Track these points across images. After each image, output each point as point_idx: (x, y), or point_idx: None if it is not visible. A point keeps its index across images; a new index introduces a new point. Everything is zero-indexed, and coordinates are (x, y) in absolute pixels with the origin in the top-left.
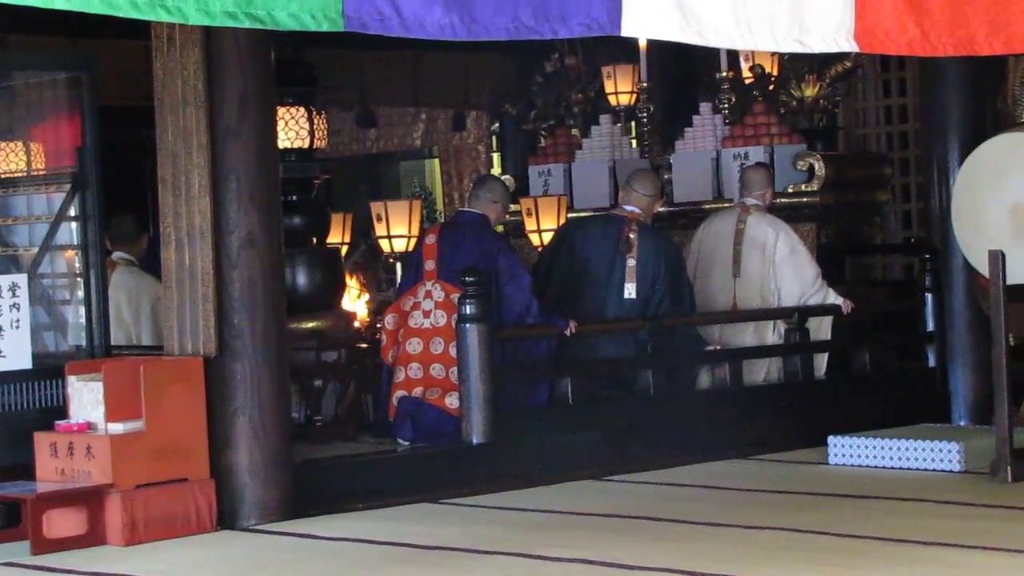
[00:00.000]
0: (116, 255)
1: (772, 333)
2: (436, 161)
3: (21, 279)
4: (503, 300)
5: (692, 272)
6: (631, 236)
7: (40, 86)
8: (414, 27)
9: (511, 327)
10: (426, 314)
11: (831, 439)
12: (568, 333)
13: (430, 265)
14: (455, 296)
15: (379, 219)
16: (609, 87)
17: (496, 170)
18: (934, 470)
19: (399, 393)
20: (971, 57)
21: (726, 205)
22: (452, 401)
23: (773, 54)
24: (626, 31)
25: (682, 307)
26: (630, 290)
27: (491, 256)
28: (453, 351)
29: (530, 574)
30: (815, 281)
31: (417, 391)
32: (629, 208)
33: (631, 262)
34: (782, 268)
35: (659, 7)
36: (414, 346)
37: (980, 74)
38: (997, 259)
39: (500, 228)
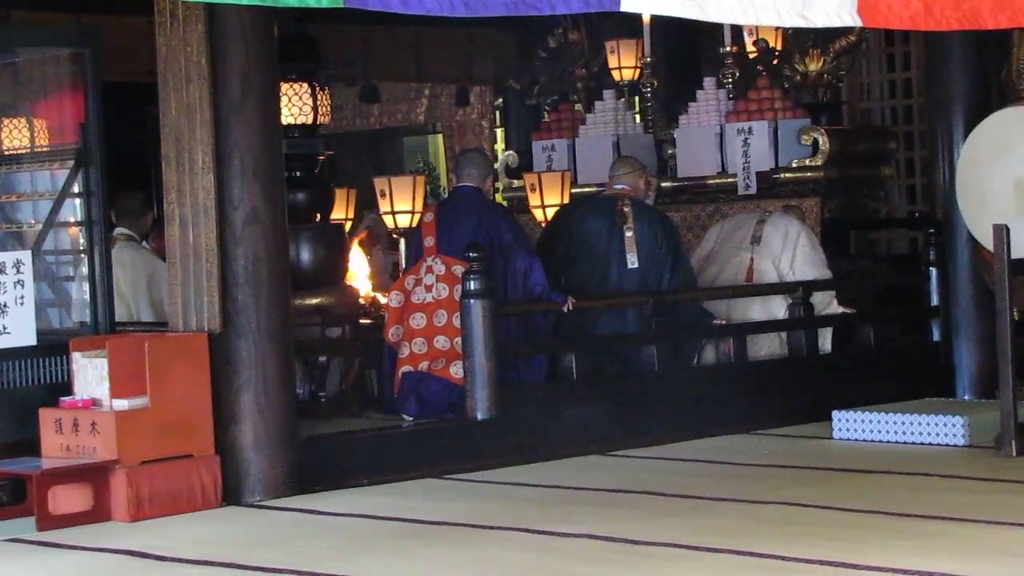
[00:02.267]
0: (118, 231)
1: (783, 311)
2: (440, 137)
3: (25, 256)
4: (509, 269)
5: (713, 245)
6: (625, 209)
7: (43, 62)
8: (413, 3)
9: (511, 303)
10: (428, 288)
11: (835, 414)
12: (566, 310)
13: (429, 242)
14: (456, 268)
15: (383, 195)
16: (613, 62)
17: (500, 145)
18: (939, 444)
19: (404, 368)
20: (975, 31)
21: (731, 179)
22: (457, 371)
23: (777, 29)
24: (626, 7)
25: (683, 275)
26: (632, 260)
27: (493, 223)
28: (457, 322)
29: (535, 549)
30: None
31: (423, 365)
32: (618, 187)
33: (629, 233)
34: (801, 253)
35: None
36: (417, 321)
37: (984, 48)
38: (1001, 233)
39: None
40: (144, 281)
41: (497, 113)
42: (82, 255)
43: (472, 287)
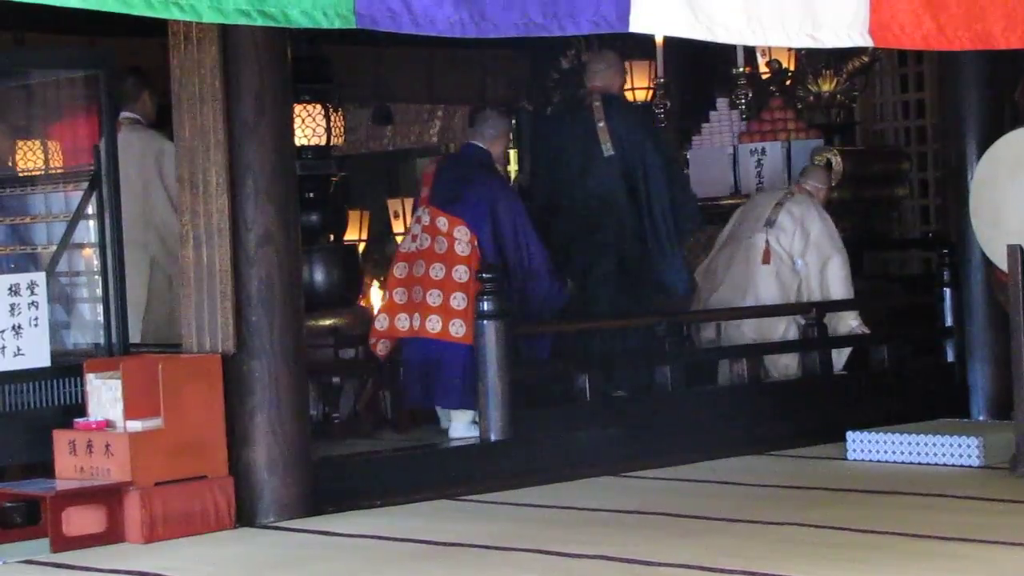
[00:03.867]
0: (122, 115)
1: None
2: None
3: (39, 277)
4: (509, 247)
5: (733, 225)
6: (596, 104)
7: (57, 84)
8: (424, 24)
9: (526, 324)
10: (414, 238)
11: (849, 434)
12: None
13: (424, 192)
14: (440, 220)
15: (396, 216)
16: (626, 83)
17: (513, 167)
18: (953, 465)
19: (380, 317)
20: (988, 51)
21: (744, 200)
22: (457, 330)
23: (790, 49)
24: (635, 27)
25: (669, 167)
26: (607, 148)
27: (489, 199)
28: (434, 273)
29: (548, 570)
30: (843, 273)
31: (401, 318)
32: (593, 85)
33: (600, 124)
34: (818, 243)
35: (668, 3)
36: (400, 271)
37: (998, 68)
38: (1016, 253)
39: None
40: (153, 165)
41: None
42: (96, 276)
43: (486, 308)
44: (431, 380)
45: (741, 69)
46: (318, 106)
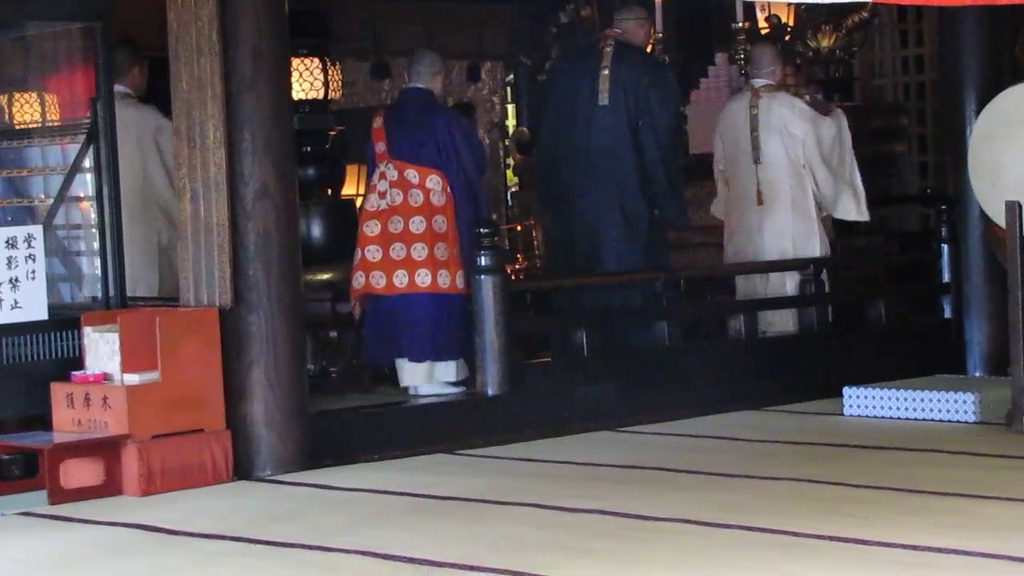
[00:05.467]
0: (116, 88)
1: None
2: None
3: (36, 230)
4: (471, 183)
5: (722, 164)
6: (607, 49)
7: (54, 36)
8: None
9: (523, 280)
10: (382, 195)
11: (846, 390)
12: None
13: (380, 148)
14: (409, 172)
15: None
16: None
17: (511, 122)
18: (950, 421)
19: (357, 275)
20: (988, 6)
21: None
22: (444, 280)
23: (789, 4)
24: None
25: (666, 124)
26: (603, 97)
27: (444, 131)
28: (414, 227)
29: (545, 525)
30: (836, 138)
31: (376, 276)
32: (614, 31)
33: (604, 71)
34: (806, 144)
35: None
36: (371, 228)
37: (997, 24)
38: (1014, 210)
39: (515, 180)
40: (151, 143)
41: (508, 89)
42: (93, 230)
43: (483, 263)
44: (404, 334)
45: (740, 24)
46: (316, 60)
